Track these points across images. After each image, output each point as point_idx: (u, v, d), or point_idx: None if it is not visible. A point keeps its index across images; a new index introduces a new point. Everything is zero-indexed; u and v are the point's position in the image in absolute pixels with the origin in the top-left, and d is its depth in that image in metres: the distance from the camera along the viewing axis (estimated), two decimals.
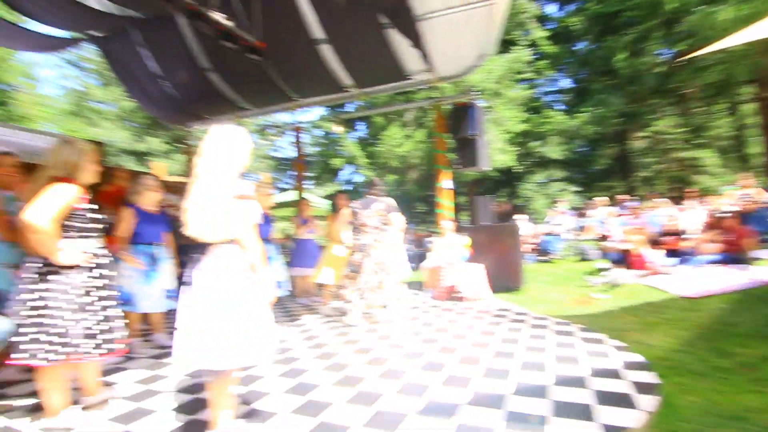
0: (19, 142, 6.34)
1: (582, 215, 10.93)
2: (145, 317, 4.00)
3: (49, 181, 2.16)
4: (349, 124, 17.78)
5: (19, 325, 2.13)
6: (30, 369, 2.28)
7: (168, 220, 4.08)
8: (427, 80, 6.84)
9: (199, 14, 3.96)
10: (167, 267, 3.90)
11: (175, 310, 2.28)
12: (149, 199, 3.83)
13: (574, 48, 17.81)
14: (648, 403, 2.35)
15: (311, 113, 20.86)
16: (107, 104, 19.31)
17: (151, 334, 4.04)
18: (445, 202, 6.96)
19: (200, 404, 2.51)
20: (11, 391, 2.81)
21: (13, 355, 2.10)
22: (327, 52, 6.35)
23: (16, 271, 2.85)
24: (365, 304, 4.29)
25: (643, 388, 2.56)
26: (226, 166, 2.02)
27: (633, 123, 16.13)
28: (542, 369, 2.97)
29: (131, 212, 3.69)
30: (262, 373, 3.06)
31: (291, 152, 22.41)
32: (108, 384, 2.79)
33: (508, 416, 2.26)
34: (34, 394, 2.60)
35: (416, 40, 5.73)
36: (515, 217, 9.97)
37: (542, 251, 9.11)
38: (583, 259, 8.31)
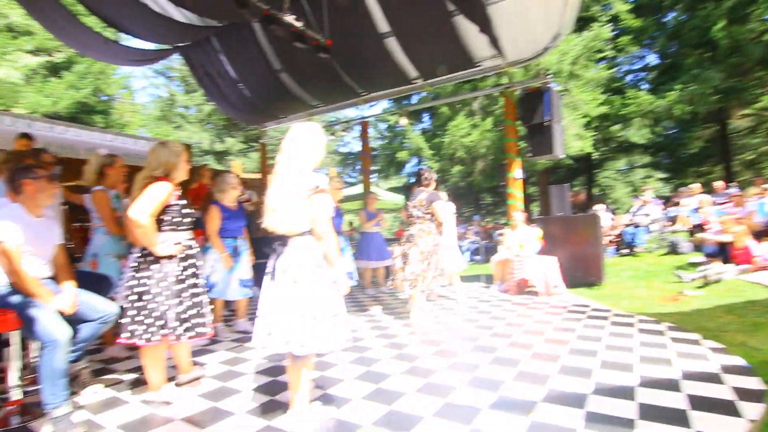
0: (118, 146, 7.19)
1: (673, 204, 9.94)
2: (228, 304, 4.32)
3: (149, 180, 2.40)
4: (414, 116, 17.67)
5: (125, 309, 2.40)
6: (134, 348, 2.56)
7: (245, 215, 4.36)
8: (496, 66, 6.58)
9: (274, 18, 4.14)
10: (245, 258, 4.17)
11: (255, 298, 2.43)
12: (231, 197, 4.10)
13: (662, 20, 16.08)
14: (753, 411, 2.10)
15: (376, 107, 20.93)
16: (190, 108, 21.02)
17: (233, 320, 4.36)
18: (516, 193, 6.69)
19: (279, 386, 2.67)
20: (119, 367, 3.18)
21: (122, 335, 2.38)
22: (393, 45, 6.35)
23: (123, 262, 3.22)
24: (417, 294, 4.33)
25: (747, 394, 2.30)
26: (304, 161, 2.11)
27: (734, 100, 14.21)
28: (628, 369, 2.77)
29: (217, 209, 3.98)
30: (335, 360, 3.17)
31: (356, 146, 22.86)
32: (197, 364, 3.05)
33: (588, 416, 2.13)
34: (137, 369, 2.92)
35: (485, 26, 5.53)
36: (594, 207, 9.35)
37: (624, 244, 8.46)
38: (672, 252, 7.59)
